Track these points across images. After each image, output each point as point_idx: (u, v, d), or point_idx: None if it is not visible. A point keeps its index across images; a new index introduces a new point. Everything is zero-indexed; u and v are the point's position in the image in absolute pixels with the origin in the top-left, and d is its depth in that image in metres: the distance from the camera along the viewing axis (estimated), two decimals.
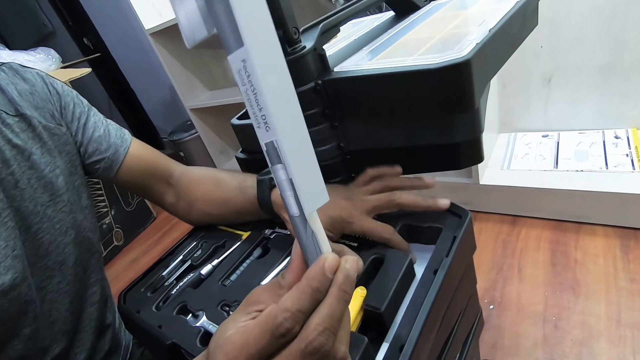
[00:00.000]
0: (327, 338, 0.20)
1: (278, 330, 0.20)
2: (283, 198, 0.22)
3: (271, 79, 0.19)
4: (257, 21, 0.18)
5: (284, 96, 0.19)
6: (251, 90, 0.19)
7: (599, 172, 0.94)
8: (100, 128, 0.51)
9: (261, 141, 0.20)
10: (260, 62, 0.18)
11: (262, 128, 0.20)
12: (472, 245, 0.42)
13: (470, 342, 0.46)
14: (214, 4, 0.18)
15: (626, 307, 0.76)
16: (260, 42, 0.18)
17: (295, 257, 0.23)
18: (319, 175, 0.21)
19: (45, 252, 0.41)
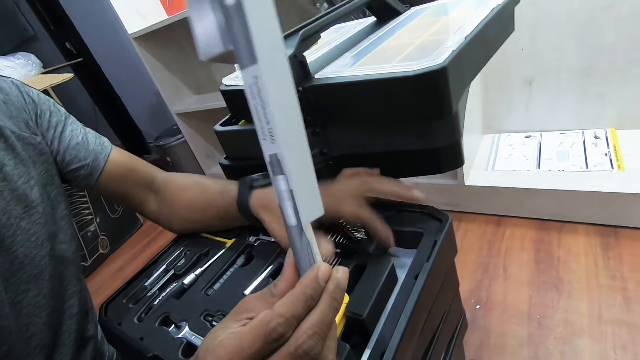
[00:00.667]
0: (317, 342, 0.21)
1: (271, 335, 0.21)
2: (281, 208, 0.23)
3: (279, 95, 0.20)
4: (270, 41, 0.20)
5: (289, 112, 0.21)
6: (260, 104, 0.20)
7: (580, 171, 0.97)
8: (78, 136, 0.50)
9: (265, 153, 0.22)
10: (271, 80, 0.20)
11: (268, 140, 0.21)
12: (454, 248, 0.42)
13: (454, 343, 0.46)
14: (233, 23, 0.19)
15: (607, 303, 0.77)
16: (271, 61, 0.20)
17: (288, 266, 0.24)
18: (316, 188, 0.23)
19: (20, 266, 0.40)
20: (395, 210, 0.45)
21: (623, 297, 0.78)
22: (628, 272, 0.82)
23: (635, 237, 0.89)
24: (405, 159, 0.45)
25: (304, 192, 0.22)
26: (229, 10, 0.19)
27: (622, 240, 0.89)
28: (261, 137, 0.21)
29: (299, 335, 0.21)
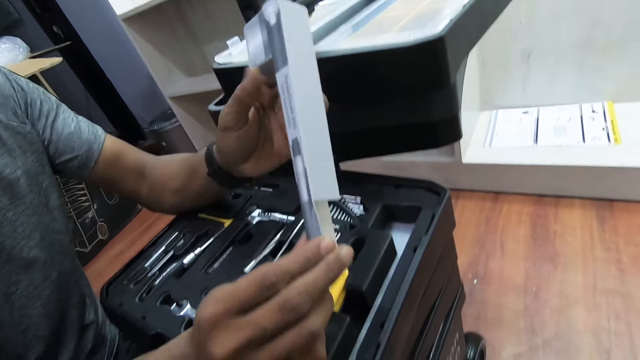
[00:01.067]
0: (304, 300, 0.22)
1: (264, 281, 0.22)
2: (298, 186, 0.26)
3: (303, 91, 0.26)
4: (299, 49, 0.26)
5: (311, 105, 0.26)
6: (288, 98, 0.26)
7: (577, 146, 0.97)
8: (70, 125, 0.48)
9: (290, 137, 0.26)
10: (297, 78, 0.25)
11: (292, 127, 0.26)
12: (452, 222, 0.42)
13: (452, 316, 0.47)
14: (274, 36, 0.27)
15: (602, 275, 0.79)
16: (299, 64, 0.26)
17: (301, 242, 0.26)
18: (332, 172, 0.26)
19: (8, 257, 0.39)
20: (393, 185, 0.44)
21: (617, 268, 0.79)
22: (623, 244, 0.83)
23: (630, 209, 0.90)
24: (402, 133, 0.45)
25: (316, 171, 0.25)
26: (271, 28, 0.27)
27: (618, 213, 0.90)
28: (287, 125, 0.26)
29: (289, 290, 0.22)
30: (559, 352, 0.69)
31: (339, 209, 0.44)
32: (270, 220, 0.48)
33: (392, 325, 0.29)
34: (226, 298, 0.23)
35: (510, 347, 0.73)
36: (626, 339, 0.68)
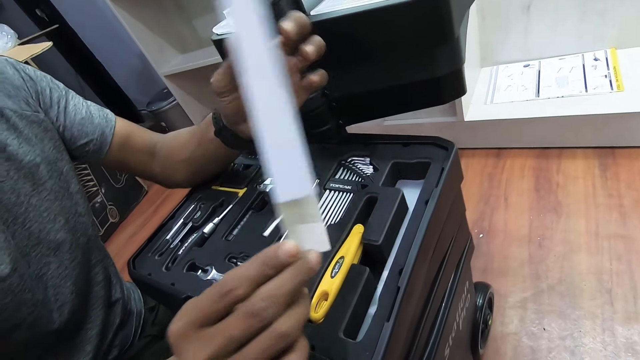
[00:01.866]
0: (268, 305, 0.21)
1: (223, 289, 0.22)
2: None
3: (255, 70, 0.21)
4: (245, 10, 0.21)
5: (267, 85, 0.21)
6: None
7: (579, 96, 0.96)
8: (82, 110, 0.49)
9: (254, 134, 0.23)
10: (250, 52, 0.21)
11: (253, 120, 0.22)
12: (460, 175, 0.44)
13: (462, 265, 0.50)
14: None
15: (604, 220, 0.81)
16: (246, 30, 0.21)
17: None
18: (302, 167, 0.22)
19: (37, 241, 0.41)
20: (401, 144, 0.45)
21: (619, 213, 0.82)
22: (624, 189, 0.85)
23: (632, 155, 0.91)
24: (407, 92, 0.45)
25: (280, 169, 0.22)
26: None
27: (620, 159, 0.91)
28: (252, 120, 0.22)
29: (252, 297, 0.22)
30: (562, 295, 0.73)
31: (349, 170, 0.46)
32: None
33: (410, 271, 0.32)
34: (190, 311, 0.23)
35: (516, 293, 0.76)
36: (627, 278, 0.71)
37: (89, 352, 0.46)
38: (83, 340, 0.46)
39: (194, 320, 0.23)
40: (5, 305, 0.37)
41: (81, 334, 0.46)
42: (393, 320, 0.29)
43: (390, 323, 0.29)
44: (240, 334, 0.22)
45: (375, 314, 0.30)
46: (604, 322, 0.67)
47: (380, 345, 0.28)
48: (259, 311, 0.21)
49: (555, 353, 0.66)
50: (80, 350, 0.46)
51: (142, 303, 0.59)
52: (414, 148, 0.44)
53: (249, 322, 0.21)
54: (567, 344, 0.66)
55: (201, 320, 0.22)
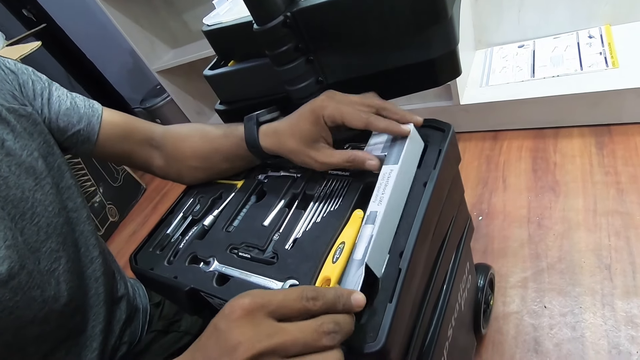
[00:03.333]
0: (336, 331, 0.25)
1: (304, 293, 0.25)
2: (356, 245, 0.33)
3: (397, 185, 0.34)
4: (411, 157, 0.37)
5: (398, 196, 0.34)
6: (385, 184, 0.34)
7: (574, 74, 0.96)
8: (66, 101, 0.48)
9: (369, 209, 0.34)
10: (397, 175, 0.35)
11: (376, 202, 0.34)
12: (457, 156, 0.44)
13: (463, 246, 0.50)
14: (396, 143, 0.38)
15: (601, 197, 0.82)
16: (404, 169, 0.35)
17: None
18: (385, 251, 0.32)
19: (46, 236, 0.41)
20: None
21: (616, 189, 0.82)
22: (621, 166, 0.85)
23: (628, 132, 0.91)
24: (402, 75, 0.45)
25: (379, 244, 0.31)
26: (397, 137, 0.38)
27: (616, 136, 0.91)
28: (372, 200, 0.34)
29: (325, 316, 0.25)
30: (562, 273, 0.74)
31: None
32: (281, 176, 0.49)
33: (410, 253, 0.32)
34: (266, 297, 0.24)
35: (517, 273, 0.77)
36: (625, 253, 0.72)
37: (95, 348, 0.46)
38: (90, 337, 0.46)
39: (267, 306, 0.24)
40: (16, 304, 0.36)
41: (88, 330, 0.46)
42: (395, 302, 0.29)
43: (392, 304, 0.29)
44: (305, 342, 0.23)
45: (377, 296, 0.31)
46: (604, 297, 0.68)
47: (383, 327, 0.28)
48: (328, 331, 0.24)
49: (556, 330, 0.67)
50: (87, 347, 0.46)
51: (148, 299, 0.59)
52: None
53: (317, 337, 0.24)
54: (567, 320, 0.67)
55: (274, 310, 0.24)
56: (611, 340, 0.63)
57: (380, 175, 0.35)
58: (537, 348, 0.66)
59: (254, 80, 0.53)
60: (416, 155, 0.38)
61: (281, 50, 0.43)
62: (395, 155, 0.36)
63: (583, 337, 0.65)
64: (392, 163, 0.35)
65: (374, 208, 0.32)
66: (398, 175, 0.34)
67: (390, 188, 0.33)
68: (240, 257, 0.41)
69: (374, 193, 0.34)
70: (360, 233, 0.32)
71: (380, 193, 0.34)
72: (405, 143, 0.36)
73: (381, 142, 0.39)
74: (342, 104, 0.40)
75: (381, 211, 0.32)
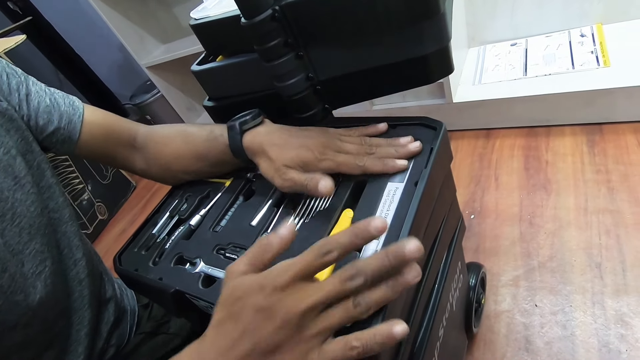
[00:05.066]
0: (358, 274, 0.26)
1: (322, 249, 0.27)
2: (363, 251, 0.33)
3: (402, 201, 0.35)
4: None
5: (405, 213, 0.34)
6: (390, 201, 0.36)
7: (566, 73, 0.96)
8: (45, 98, 0.46)
9: None
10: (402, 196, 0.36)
11: (382, 216, 0.34)
12: (449, 155, 0.43)
13: (454, 246, 0.49)
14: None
15: (592, 196, 0.82)
16: (406, 189, 0.36)
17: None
18: None
19: (29, 237, 0.39)
20: (390, 126, 0.44)
21: (607, 188, 0.82)
22: (612, 164, 0.86)
23: (619, 130, 0.91)
24: (393, 72, 0.44)
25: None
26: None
27: (607, 135, 0.92)
28: (378, 214, 0.35)
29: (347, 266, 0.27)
30: (553, 271, 0.74)
31: None
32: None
33: None
34: (294, 266, 0.26)
35: (508, 271, 0.77)
36: (616, 251, 0.72)
37: (81, 353, 0.45)
38: (75, 341, 0.45)
39: (297, 273, 0.26)
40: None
41: (72, 335, 0.45)
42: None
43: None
44: (335, 294, 0.26)
45: None
46: (594, 295, 0.68)
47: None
48: (352, 276, 0.26)
49: (547, 328, 0.67)
50: (72, 352, 0.44)
51: (136, 300, 0.58)
52: (402, 130, 0.43)
53: (344, 285, 0.26)
54: (558, 319, 0.68)
55: (304, 273, 0.26)
56: (601, 339, 0.63)
57: (385, 192, 0.36)
58: (527, 347, 0.66)
59: (243, 76, 0.52)
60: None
61: (270, 45, 0.42)
62: (401, 174, 0.38)
63: (573, 335, 0.65)
64: (398, 181, 0.37)
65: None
66: (402, 194, 0.36)
67: (395, 205, 0.35)
68: (227, 257, 0.40)
69: (378, 208, 0.35)
70: (364, 247, 0.33)
71: (385, 209, 0.35)
72: (411, 163, 0.38)
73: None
74: (338, 156, 0.40)
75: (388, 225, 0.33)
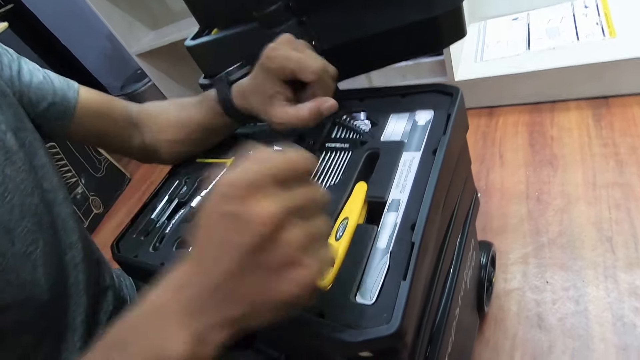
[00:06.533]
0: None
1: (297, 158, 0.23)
2: (377, 232, 0.31)
3: (419, 172, 0.33)
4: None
5: (421, 184, 0.32)
6: (407, 171, 0.34)
7: (571, 45, 0.93)
8: (38, 74, 0.44)
9: (389, 197, 0.33)
10: (419, 163, 0.34)
11: (399, 190, 0.33)
12: (465, 123, 0.41)
13: (470, 221, 0.47)
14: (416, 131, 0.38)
15: (600, 170, 0.80)
16: (424, 157, 0.34)
17: None
18: (410, 243, 0.30)
19: (21, 215, 0.38)
20: (399, 95, 0.42)
21: (615, 161, 0.81)
22: (619, 137, 0.84)
23: (626, 103, 0.89)
24: (402, 37, 0.41)
25: (401, 232, 0.30)
26: (417, 126, 0.37)
27: (614, 108, 0.90)
28: (395, 187, 0.33)
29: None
30: (563, 247, 0.72)
31: (345, 128, 0.42)
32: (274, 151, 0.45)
33: (423, 226, 0.29)
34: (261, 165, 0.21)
35: (517, 249, 0.76)
36: (627, 225, 0.71)
37: (77, 340, 0.43)
38: (71, 328, 0.43)
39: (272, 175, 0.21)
40: None
41: (69, 321, 0.43)
42: (410, 278, 0.26)
43: (407, 281, 0.26)
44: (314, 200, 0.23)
45: (388, 273, 0.28)
46: (606, 269, 0.67)
47: (398, 305, 0.25)
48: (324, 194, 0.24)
49: (559, 304, 0.66)
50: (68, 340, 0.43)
51: (135, 290, 0.56)
52: (414, 98, 0.41)
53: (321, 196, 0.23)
54: (570, 294, 0.66)
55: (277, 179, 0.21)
56: (615, 313, 0.62)
57: (400, 162, 0.34)
58: (540, 323, 0.65)
59: (240, 48, 0.48)
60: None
61: (270, 10, 0.39)
62: (416, 142, 0.36)
63: (587, 310, 0.64)
64: (414, 150, 0.35)
65: (396, 196, 0.32)
66: (418, 163, 0.34)
67: (413, 175, 0.33)
68: None
69: (394, 180, 0.33)
70: (382, 220, 0.31)
71: (402, 180, 0.33)
72: (427, 130, 0.36)
73: (400, 128, 0.38)
74: (291, 51, 0.36)
75: (404, 199, 0.31)
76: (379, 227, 0.31)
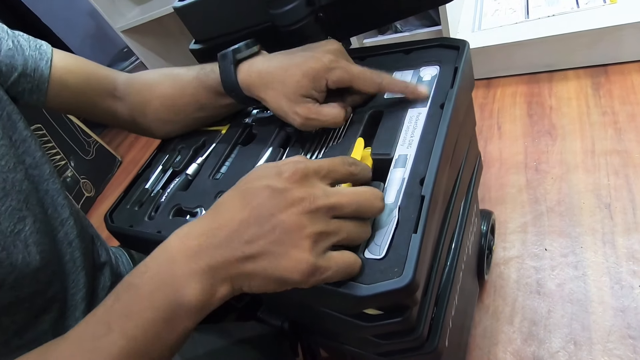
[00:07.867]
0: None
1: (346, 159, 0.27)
2: (385, 189, 0.29)
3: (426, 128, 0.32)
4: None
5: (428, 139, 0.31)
6: (412, 128, 0.32)
7: (571, 12, 0.91)
8: (7, 41, 0.40)
9: (396, 153, 0.31)
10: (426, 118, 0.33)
11: (405, 146, 0.31)
12: (472, 80, 0.39)
13: (474, 183, 0.46)
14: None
15: (599, 138, 0.80)
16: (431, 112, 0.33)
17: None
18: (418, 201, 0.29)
19: (4, 193, 0.36)
20: (402, 52, 0.40)
21: (614, 129, 0.80)
22: (618, 105, 0.83)
23: (625, 71, 0.88)
24: None
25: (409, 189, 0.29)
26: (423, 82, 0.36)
27: (613, 76, 0.89)
28: (401, 142, 0.32)
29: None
30: (562, 215, 0.73)
31: None
32: (271, 116, 0.43)
33: (433, 179, 0.27)
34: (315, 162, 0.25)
35: (516, 218, 0.76)
36: (625, 191, 0.71)
37: (79, 317, 0.42)
38: (71, 306, 0.42)
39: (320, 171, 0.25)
40: None
41: (68, 299, 0.42)
42: (422, 231, 0.25)
43: (418, 234, 0.25)
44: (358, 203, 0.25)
45: (397, 228, 0.26)
46: (605, 235, 0.67)
47: (410, 258, 0.24)
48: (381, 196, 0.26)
49: (558, 270, 0.66)
50: (69, 317, 0.42)
51: (132, 266, 0.55)
52: (418, 53, 0.39)
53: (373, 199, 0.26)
54: (569, 260, 0.67)
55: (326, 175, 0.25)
56: (613, 276, 0.62)
57: (406, 118, 0.33)
58: (539, 290, 0.65)
59: (233, 7, 0.46)
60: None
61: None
62: (423, 103, 0.34)
63: (585, 275, 0.64)
64: (420, 106, 0.33)
65: (402, 151, 0.31)
66: (426, 118, 0.32)
67: (420, 130, 0.31)
68: None
69: (401, 136, 0.32)
70: (389, 176, 0.30)
71: (409, 136, 0.32)
72: (433, 85, 0.34)
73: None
74: (352, 66, 0.34)
75: (411, 154, 0.30)
76: (386, 183, 0.29)
